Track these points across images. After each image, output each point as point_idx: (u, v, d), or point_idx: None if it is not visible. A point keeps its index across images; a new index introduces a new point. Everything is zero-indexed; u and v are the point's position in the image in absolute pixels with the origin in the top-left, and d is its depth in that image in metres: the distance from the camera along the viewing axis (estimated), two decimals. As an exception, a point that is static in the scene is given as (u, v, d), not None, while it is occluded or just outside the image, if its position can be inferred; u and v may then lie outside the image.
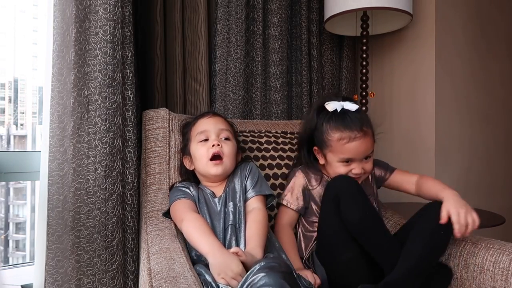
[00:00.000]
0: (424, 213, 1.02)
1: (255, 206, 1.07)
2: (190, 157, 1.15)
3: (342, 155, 1.09)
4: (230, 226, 1.03)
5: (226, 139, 1.12)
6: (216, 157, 1.08)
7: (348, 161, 1.10)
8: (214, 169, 1.08)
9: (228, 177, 1.13)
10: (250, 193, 1.09)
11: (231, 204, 1.07)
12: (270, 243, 1.05)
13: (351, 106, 1.11)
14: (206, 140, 1.11)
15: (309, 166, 1.19)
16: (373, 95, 1.63)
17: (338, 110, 1.10)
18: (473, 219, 0.96)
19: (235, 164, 1.13)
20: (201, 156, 1.10)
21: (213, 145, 1.08)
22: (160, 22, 1.40)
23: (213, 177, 1.11)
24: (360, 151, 1.09)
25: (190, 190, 1.10)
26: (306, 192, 1.16)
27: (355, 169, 1.10)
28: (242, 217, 1.05)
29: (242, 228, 1.03)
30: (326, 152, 1.13)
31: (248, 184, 1.11)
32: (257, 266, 0.81)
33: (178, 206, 1.06)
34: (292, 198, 1.16)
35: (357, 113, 1.10)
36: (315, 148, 1.16)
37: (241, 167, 1.15)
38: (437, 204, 1.01)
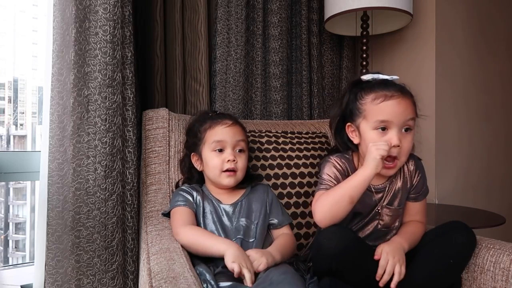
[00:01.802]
0: (439, 236, 0.98)
1: (285, 232, 1.11)
2: (200, 157, 1.13)
3: (376, 116, 0.95)
4: (238, 239, 1.02)
5: (241, 150, 1.12)
6: (229, 170, 1.09)
7: (384, 128, 0.95)
8: (227, 180, 1.09)
9: (236, 189, 1.13)
10: (281, 222, 1.11)
11: (243, 219, 1.07)
12: None
13: (390, 77, 1.01)
14: (221, 150, 1.09)
15: (340, 155, 1.06)
16: (373, 95, 1.62)
17: (376, 78, 1.00)
18: (399, 271, 0.90)
19: (245, 172, 1.13)
20: (214, 166, 1.09)
21: (228, 160, 1.08)
22: (160, 22, 1.40)
23: (224, 187, 1.11)
24: (398, 111, 0.94)
25: (193, 197, 1.09)
26: (338, 176, 1.03)
27: (393, 138, 0.94)
28: (256, 234, 1.05)
29: (254, 243, 1.03)
30: (359, 123, 1.00)
31: (274, 212, 1.11)
32: (277, 273, 0.85)
33: (176, 215, 1.05)
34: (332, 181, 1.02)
35: (397, 83, 1.00)
36: (348, 124, 1.04)
37: (259, 189, 1.15)
38: (454, 227, 0.98)
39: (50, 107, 1.15)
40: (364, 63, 1.63)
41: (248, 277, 0.85)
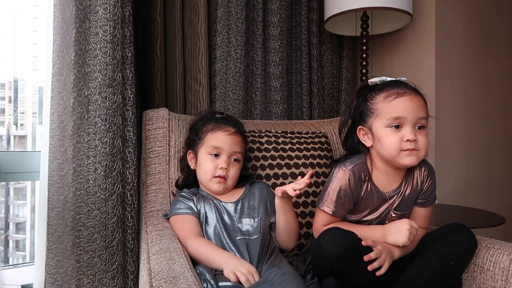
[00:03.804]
0: (441, 238, 0.98)
1: None
2: (195, 155, 1.14)
3: (390, 114, 0.95)
4: (242, 239, 1.03)
5: (236, 160, 1.12)
6: (220, 176, 1.10)
7: (398, 126, 0.95)
8: (217, 186, 1.10)
9: (235, 188, 1.14)
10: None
11: (247, 220, 1.07)
12: (278, 256, 1.05)
13: (398, 78, 1.02)
14: (217, 155, 1.10)
15: (354, 162, 1.01)
16: (373, 95, 1.62)
17: (383, 80, 1.01)
18: (383, 268, 0.91)
19: (236, 181, 1.14)
20: (206, 170, 1.10)
21: (221, 168, 1.09)
22: (160, 22, 1.40)
23: (212, 192, 1.12)
24: (410, 107, 0.95)
25: (194, 202, 1.08)
26: (347, 194, 1.00)
27: (407, 135, 0.94)
28: (261, 228, 1.05)
29: (260, 238, 1.03)
30: (371, 123, 1.00)
31: (272, 211, 1.11)
32: (275, 280, 0.85)
33: (183, 224, 1.05)
34: (332, 202, 1.00)
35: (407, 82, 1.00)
36: (359, 127, 1.03)
37: (257, 186, 1.16)
38: (455, 229, 0.98)
39: (50, 107, 1.15)
40: (364, 63, 1.63)
41: (243, 279, 0.87)
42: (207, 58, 1.49)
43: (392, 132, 0.96)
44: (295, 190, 0.96)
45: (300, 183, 0.96)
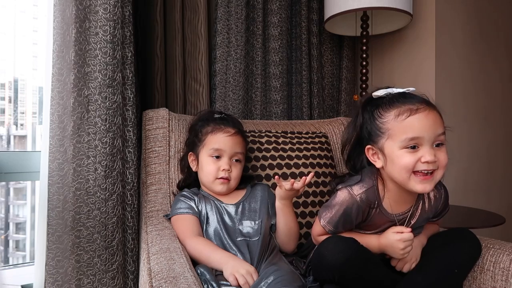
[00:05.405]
0: (446, 244, 0.97)
1: None
2: (196, 158, 1.14)
3: (404, 134, 0.84)
4: (243, 241, 1.02)
5: (237, 160, 1.13)
6: (223, 178, 1.10)
7: (414, 146, 0.85)
8: (220, 187, 1.10)
9: (236, 189, 1.14)
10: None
11: (247, 222, 1.07)
12: (278, 255, 1.05)
13: (406, 89, 0.91)
14: (218, 157, 1.10)
15: (364, 186, 0.93)
16: (373, 95, 1.62)
17: (390, 92, 0.90)
18: (408, 268, 0.95)
19: (239, 181, 1.14)
20: (208, 172, 1.10)
21: (223, 169, 1.09)
22: (160, 22, 1.40)
23: (216, 193, 1.12)
24: (427, 125, 0.84)
25: (195, 202, 1.08)
26: (350, 219, 0.94)
27: (425, 155, 0.84)
28: (261, 230, 1.05)
29: (260, 240, 1.03)
30: (382, 144, 0.88)
31: (273, 213, 1.11)
32: (271, 278, 0.85)
33: (184, 224, 1.04)
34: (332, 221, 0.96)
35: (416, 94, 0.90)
36: (368, 147, 0.92)
37: (259, 188, 1.16)
38: (461, 236, 0.97)
39: (50, 107, 1.15)
40: (364, 63, 1.63)
41: (241, 282, 0.87)
42: (207, 58, 1.49)
43: (408, 153, 0.86)
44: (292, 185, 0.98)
45: (298, 182, 0.97)
